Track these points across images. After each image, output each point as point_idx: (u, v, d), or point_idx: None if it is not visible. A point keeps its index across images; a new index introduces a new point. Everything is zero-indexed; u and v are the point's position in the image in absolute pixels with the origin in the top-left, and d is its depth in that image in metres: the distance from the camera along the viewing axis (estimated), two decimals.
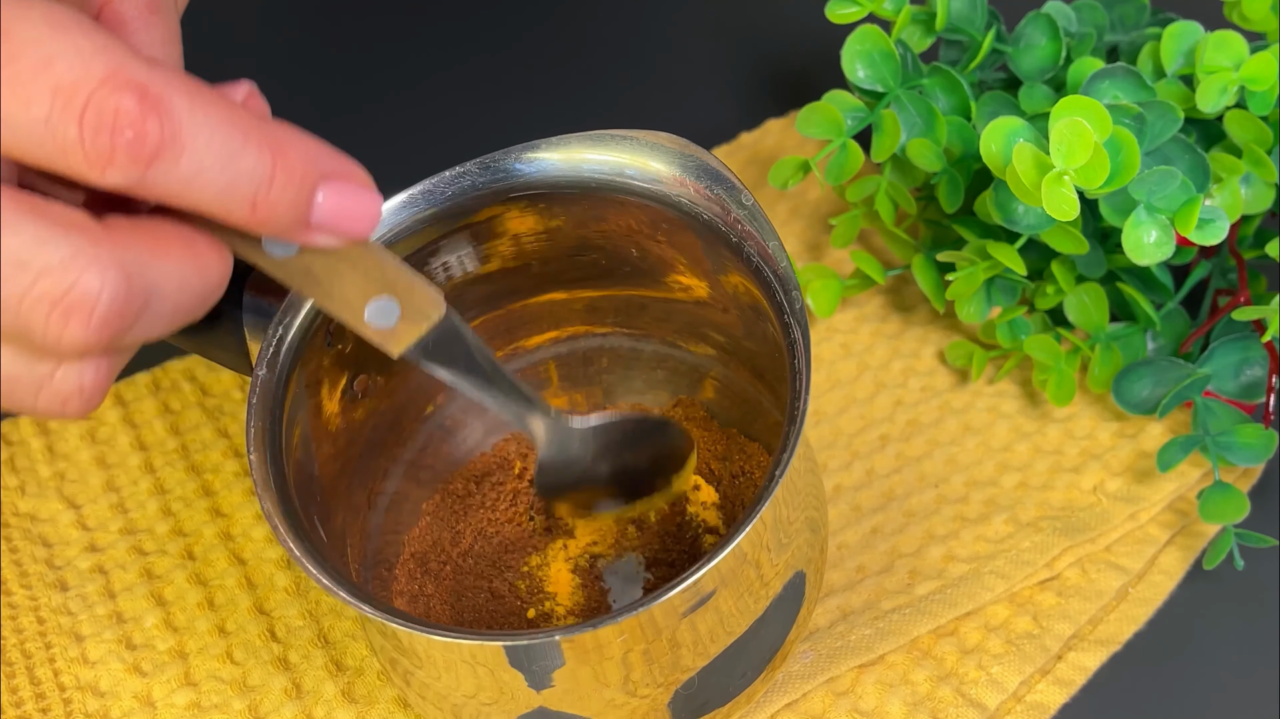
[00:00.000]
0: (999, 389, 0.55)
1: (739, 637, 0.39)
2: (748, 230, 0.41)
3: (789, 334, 0.39)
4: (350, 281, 0.34)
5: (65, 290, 0.29)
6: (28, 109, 0.28)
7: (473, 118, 0.68)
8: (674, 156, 0.42)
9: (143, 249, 0.30)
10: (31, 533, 0.51)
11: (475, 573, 0.47)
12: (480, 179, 0.43)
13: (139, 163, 0.29)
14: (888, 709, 0.45)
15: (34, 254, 0.29)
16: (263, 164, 0.31)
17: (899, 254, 0.57)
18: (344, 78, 0.70)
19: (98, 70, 0.28)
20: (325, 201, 0.32)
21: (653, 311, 0.48)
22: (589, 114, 0.67)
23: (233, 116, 0.30)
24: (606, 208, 0.43)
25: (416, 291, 0.35)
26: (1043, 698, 0.46)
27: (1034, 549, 0.49)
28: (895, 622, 0.47)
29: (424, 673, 0.39)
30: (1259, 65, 0.49)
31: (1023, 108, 0.54)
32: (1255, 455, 0.49)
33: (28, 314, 0.29)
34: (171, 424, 0.54)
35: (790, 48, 0.70)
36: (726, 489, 0.48)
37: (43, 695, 0.46)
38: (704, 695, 0.40)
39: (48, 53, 0.28)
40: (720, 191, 0.41)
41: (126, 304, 0.30)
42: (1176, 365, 0.51)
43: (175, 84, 0.29)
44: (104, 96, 0.28)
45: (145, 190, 0.30)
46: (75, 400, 0.31)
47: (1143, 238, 0.47)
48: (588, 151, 0.42)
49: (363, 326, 0.35)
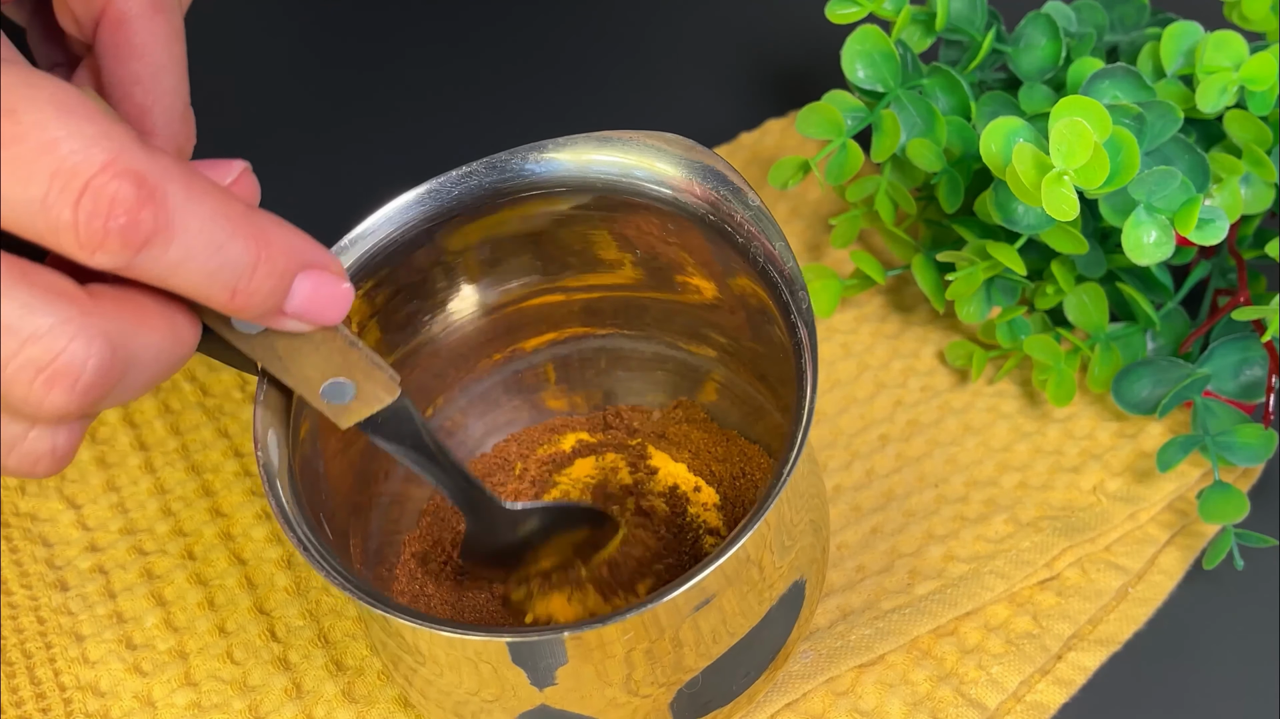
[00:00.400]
0: (999, 389, 0.55)
1: (742, 637, 0.39)
2: (754, 231, 0.41)
3: (795, 335, 0.39)
4: (311, 362, 0.36)
5: (52, 358, 0.30)
6: (26, 188, 0.29)
7: (472, 116, 0.68)
8: (679, 158, 0.42)
9: (126, 319, 0.31)
10: (32, 533, 0.51)
11: (477, 574, 0.47)
12: (486, 179, 0.43)
13: (129, 248, 0.30)
14: (888, 709, 0.45)
15: (22, 321, 0.29)
16: (248, 254, 0.32)
17: (899, 254, 0.57)
18: (342, 79, 0.70)
19: (99, 156, 0.29)
20: (300, 291, 0.33)
21: (653, 313, 0.48)
22: (589, 114, 0.67)
23: (224, 207, 0.31)
24: (613, 209, 0.43)
25: (373, 376, 0.37)
26: (1043, 698, 0.46)
27: (1034, 549, 0.49)
28: (895, 621, 0.47)
29: (427, 670, 0.39)
30: (1259, 65, 0.49)
31: (1023, 108, 0.54)
32: (1255, 455, 0.49)
33: (12, 378, 0.30)
34: (172, 424, 0.54)
35: (790, 48, 0.70)
36: (727, 490, 0.48)
37: (43, 695, 0.46)
38: (706, 695, 0.40)
39: (52, 136, 0.29)
40: (726, 192, 0.41)
41: (109, 373, 0.31)
42: (1176, 365, 0.51)
43: (172, 173, 0.30)
44: (103, 183, 0.29)
45: (131, 272, 0.30)
46: (46, 461, 0.32)
47: (1142, 238, 0.47)
48: (594, 152, 0.42)
49: (317, 401, 0.36)
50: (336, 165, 0.65)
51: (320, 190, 0.64)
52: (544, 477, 0.50)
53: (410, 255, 0.43)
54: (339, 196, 0.63)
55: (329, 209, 0.44)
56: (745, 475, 0.48)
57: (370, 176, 0.64)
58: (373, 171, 0.63)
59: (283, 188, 0.42)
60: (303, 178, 0.63)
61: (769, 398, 0.46)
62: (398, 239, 0.42)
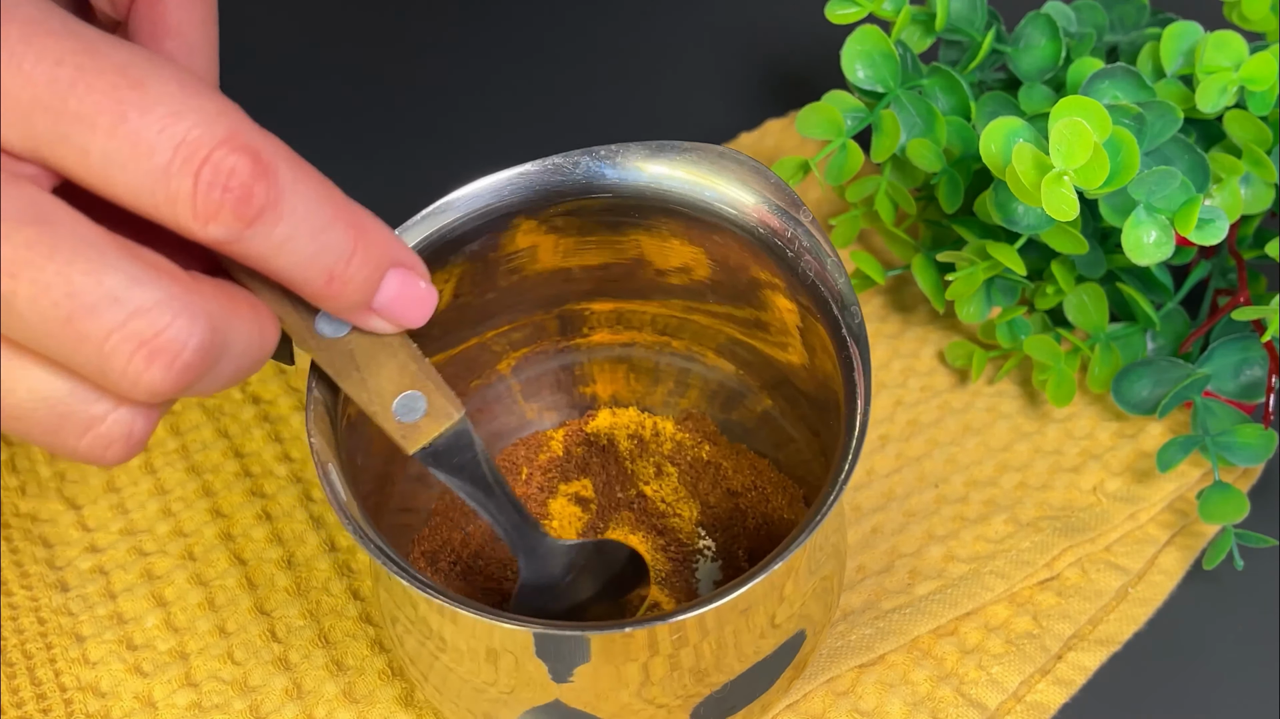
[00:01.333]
0: (999, 389, 0.55)
1: (766, 655, 0.39)
2: (805, 246, 0.41)
3: (843, 350, 0.39)
4: (387, 372, 0.36)
5: (156, 333, 0.30)
6: (150, 158, 0.29)
7: (474, 117, 0.68)
8: (736, 172, 0.42)
9: (223, 305, 0.32)
10: (32, 533, 0.51)
11: (486, 574, 0.47)
12: (561, 177, 0.43)
13: (241, 221, 0.30)
14: (888, 709, 0.45)
15: (129, 293, 0.30)
16: (346, 241, 0.32)
17: (899, 254, 0.57)
18: (337, 83, 0.71)
19: (220, 131, 0.30)
20: (388, 288, 0.34)
21: (683, 325, 0.48)
22: (589, 114, 0.67)
23: (327, 192, 0.32)
24: (653, 215, 0.43)
25: (442, 391, 0.37)
26: (1043, 698, 0.46)
27: (1034, 549, 0.49)
28: (895, 621, 0.47)
29: (447, 658, 0.39)
30: (1259, 65, 0.49)
31: (1022, 108, 0.54)
32: (1255, 455, 0.49)
33: (111, 350, 0.30)
34: (172, 425, 0.54)
35: (790, 48, 0.70)
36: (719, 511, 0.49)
37: (44, 696, 0.46)
38: (728, 704, 0.40)
39: (177, 108, 0.30)
40: (779, 206, 0.42)
41: (208, 354, 0.31)
42: (1176, 365, 0.51)
43: (282, 153, 0.31)
44: (222, 156, 0.30)
45: (237, 248, 0.31)
46: (119, 446, 0.32)
47: (1142, 238, 0.47)
48: (647, 162, 0.43)
49: (388, 418, 0.36)
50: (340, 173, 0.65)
51: None
52: (549, 485, 0.50)
53: (464, 250, 0.43)
54: None
55: None
56: (756, 488, 0.48)
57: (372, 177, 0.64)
58: (375, 174, 0.63)
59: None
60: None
61: (789, 416, 0.47)
62: (465, 224, 0.42)
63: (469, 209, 0.42)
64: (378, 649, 0.47)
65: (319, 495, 0.51)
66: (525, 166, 0.42)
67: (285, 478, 0.52)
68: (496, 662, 0.38)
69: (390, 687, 0.46)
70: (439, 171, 0.63)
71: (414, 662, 0.41)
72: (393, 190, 0.44)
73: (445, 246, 0.42)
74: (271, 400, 0.54)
